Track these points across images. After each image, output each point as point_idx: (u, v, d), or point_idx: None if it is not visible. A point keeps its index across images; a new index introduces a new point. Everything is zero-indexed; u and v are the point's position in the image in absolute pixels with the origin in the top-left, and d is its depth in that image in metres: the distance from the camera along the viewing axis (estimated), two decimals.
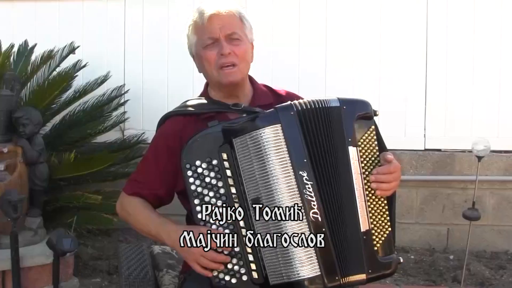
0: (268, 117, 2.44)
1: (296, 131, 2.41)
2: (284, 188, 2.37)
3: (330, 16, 5.70)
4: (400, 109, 5.60)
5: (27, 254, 4.23)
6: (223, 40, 2.63)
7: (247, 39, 2.72)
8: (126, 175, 5.18)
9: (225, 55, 2.62)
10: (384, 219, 2.49)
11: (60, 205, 4.98)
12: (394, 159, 2.51)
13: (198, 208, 2.45)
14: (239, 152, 2.42)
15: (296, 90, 2.95)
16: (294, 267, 2.35)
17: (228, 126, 2.48)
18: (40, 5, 5.97)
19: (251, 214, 2.41)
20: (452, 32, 5.62)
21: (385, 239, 2.49)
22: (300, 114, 2.43)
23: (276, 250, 2.37)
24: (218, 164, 2.45)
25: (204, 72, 2.75)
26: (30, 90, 5.13)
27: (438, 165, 5.60)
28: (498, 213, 5.58)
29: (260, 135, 2.38)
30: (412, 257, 5.37)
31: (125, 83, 5.75)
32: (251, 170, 2.40)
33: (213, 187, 2.45)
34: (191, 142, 2.49)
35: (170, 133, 2.70)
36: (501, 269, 5.14)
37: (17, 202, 4.03)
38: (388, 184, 2.48)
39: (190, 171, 2.46)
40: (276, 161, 2.37)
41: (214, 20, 2.64)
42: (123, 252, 3.32)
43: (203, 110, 2.71)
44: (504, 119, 5.60)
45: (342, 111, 2.46)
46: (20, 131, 4.43)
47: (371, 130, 2.50)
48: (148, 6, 5.86)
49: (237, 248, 2.43)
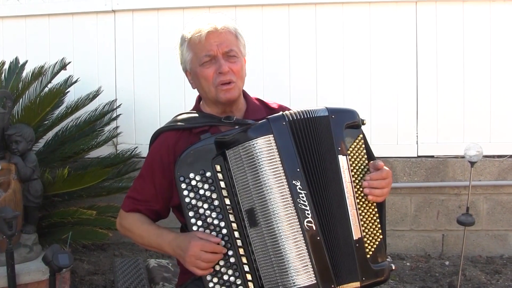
0: (260, 128, 2.45)
1: (288, 141, 2.42)
2: (278, 197, 2.38)
3: (320, 27, 5.72)
4: (392, 117, 5.62)
5: (23, 271, 4.22)
6: (221, 57, 2.64)
7: (242, 55, 2.73)
8: (119, 189, 5.19)
9: (223, 73, 2.63)
10: (375, 227, 2.52)
11: (54, 221, 4.96)
12: (384, 166, 2.54)
13: (193, 220, 2.48)
14: (232, 163, 2.44)
15: (287, 102, 2.98)
16: (290, 276, 2.36)
17: (221, 138, 2.50)
18: (30, 21, 5.98)
19: (245, 225, 2.43)
20: (441, 39, 5.65)
21: (377, 247, 2.51)
22: (291, 124, 2.45)
23: (271, 259, 2.38)
24: (211, 176, 2.47)
25: (200, 88, 2.75)
26: (22, 106, 5.12)
27: (431, 172, 5.62)
28: (492, 217, 5.60)
29: (253, 145, 2.40)
30: (407, 264, 5.38)
31: (116, 98, 5.76)
32: (244, 181, 2.41)
33: (207, 199, 2.47)
34: (184, 155, 2.51)
35: (164, 149, 2.71)
36: (497, 274, 5.16)
37: (11, 219, 4.01)
38: (381, 190, 2.50)
39: (184, 184, 2.48)
40: (270, 171, 2.39)
41: (211, 37, 2.65)
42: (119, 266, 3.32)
43: (196, 124, 2.72)
44: (495, 124, 5.63)
45: (330, 120, 2.49)
46: (13, 148, 4.42)
47: (359, 139, 2.53)
48: (138, 20, 5.87)
49: (232, 259, 2.44)
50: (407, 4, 5.67)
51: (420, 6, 5.66)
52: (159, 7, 5.83)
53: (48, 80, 5.24)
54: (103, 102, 5.59)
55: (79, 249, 5.28)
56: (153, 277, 3.12)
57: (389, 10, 5.69)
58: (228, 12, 5.54)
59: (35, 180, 4.53)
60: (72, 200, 5.22)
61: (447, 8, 5.65)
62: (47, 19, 5.97)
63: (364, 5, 5.69)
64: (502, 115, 5.64)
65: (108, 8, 5.85)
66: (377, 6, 5.69)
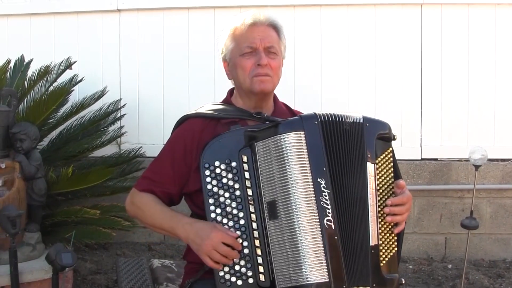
0: (292, 123, 2.49)
1: (318, 139, 2.46)
2: (302, 192, 2.41)
3: (325, 29, 5.72)
4: (396, 120, 5.61)
5: (26, 270, 4.22)
6: (262, 51, 2.69)
7: (281, 55, 2.78)
8: (123, 189, 5.19)
9: (262, 65, 2.67)
10: (392, 239, 2.56)
11: (58, 220, 4.97)
12: (406, 188, 2.61)
13: (212, 207, 2.50)
14: (259, 155, 2.47)
15: (291, 101, 3.00)
16: (303, 271, 2.37)
17: (251, 130, 2.55)
18: (35, 20, 5.99)
19: (264, 217, 2.45)
20: (446, 42, 5.65)
21: (391, 257, 2.56)
22: (323, 124, 2.48)
23: (287, 253, 2.40)
24: (236, 166, 2.51)
25: (235, 79, 2.78)
26: (26, 105, 5.12)
27: (435, 175, 5.61)
28: (496, 221, 5.59)
29: (283, 139, 2.43)
30: (410, 267, 5.37)
31: (121, 98, 5.76)
32: (270, 173, 2.45)
33: (229, 188, 2.50)
34: (212, 143, 2.55)
35: (189, 134, 2.72)
36: (500, 278, 5.15)
37: (15, 218, 4.02)
38: (401, 216, 2.56)
39: (208, 171, 2.52)
40: (296, 166, 2.42)
41: (256, 31, 2.70)
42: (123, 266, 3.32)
43: (225, 115, 2.75)
44: (500, 127, 5.63)
45: (364, 128, 2.54)
46: (17, 147, 4.43)
47: (389, 151, 2.60)
48: (143, 20, 5.88)
49: (246, 250, 2.47)
50: (413, 7, 5.67)
51: (426, 9, 5.66)
52: (164, 7, 5.83)
53: (54, 79, 5.25)
54: (107, 101, 5.60)
55: (82, 248, 5.28)
56: (157, 277, 3.13)
57: (395, 12, 5.69)
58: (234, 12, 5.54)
59: (39, 179, 4.53)
60: (75, 199, 5.23)
61: (452, 11, 5.65)
62: (52, 17, 5.98)
63: (370, 7, 5.69)
64: (506, 119, 5.63)
65: (114, 7, 5.86)
66: (383, 8, 5.69)
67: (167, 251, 5.54)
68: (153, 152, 4.05)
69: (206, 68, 5.62)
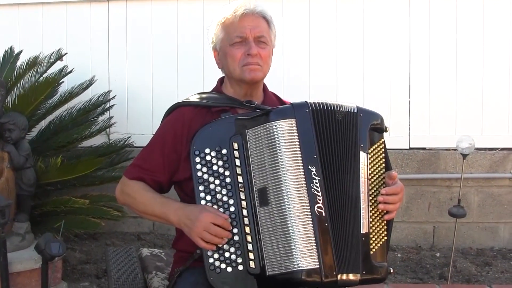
0: (283, 111, 2.51)
1: (309, 127, 2.47)
2: (293, 179, 2.42)
3: (314, 18, 5.73)
4: (384, 109, 5.58)
5: (15, 259, 4.23)
6: (252, 41, 2.69)
7: (271, 44, 2.79)
8: (112, 179, 5.19)
9: (252, 55, 2.67)
10: (382, 227, 2.58)
11: (47, 210, 4.98)
12: (398, 178, 2.63)
13: (202, 194, 2.51)
14: (250, 142, 2.49)
15: (280, 91, 3.01)
16: (294, 257, 2.38)
17: (242, 118, 2.56)
18: (23, 10, 5.96)
19: (254, 204, 2.46)
20: (434, 31, 5.67)
21: (381, 246, 2.57)
22: (314, 112, 2.49)
23: (277, 239, 2.41)
24: (227, 154, 2.52)
25: (225, 68, 2.78)
26: (15, 95, 5.11)
27: (423, 164, 5.64)
28: (483, 210, 5.63)
29: (275, 126, 2.45)
30: (399, 255, 5.40)
31: (110, 89, 5.76)
32: (261, 160, 2.46)
33: (219, 175, 2.51)
34: (202, 130, 2.56)
35: (179, 122, 2.72)
36: (487, 266, 5.18)
37: (4, 208, 4.02)
38: (394, 205, 2.58)
39: (198, 158, 2.52)
40: (287, 153, 2.43)
41: (246, 20, 2.71)
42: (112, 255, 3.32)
43: (216, 103, 2.75)
44: (487, 116, 5.65)
45: (358, 117, 2.57)
46: (6, 137, 4.43)
47: (381, 143, 2.63)
48: (132, 10, 5.86)
49: (236, 237, 2.47)
50: None
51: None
52: None
53: (44, 70, 5.22)
54: (96, 91, 5.59)
55: (71, 238, 5.29)
56: (146, 266, 3.12)
57: (383, 2, 5.70)
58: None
59: (28, 169, 4.54)
60: (65, 189, 5.24)
61: (441, 0, 5.66)
62: (40, 7, 5.95)
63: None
64: (494, 108, 5.66)
65: None
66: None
67: (157, 241, 5.55)
68: (142, 142, 4.05)
69: (195, 58, 5.63)
